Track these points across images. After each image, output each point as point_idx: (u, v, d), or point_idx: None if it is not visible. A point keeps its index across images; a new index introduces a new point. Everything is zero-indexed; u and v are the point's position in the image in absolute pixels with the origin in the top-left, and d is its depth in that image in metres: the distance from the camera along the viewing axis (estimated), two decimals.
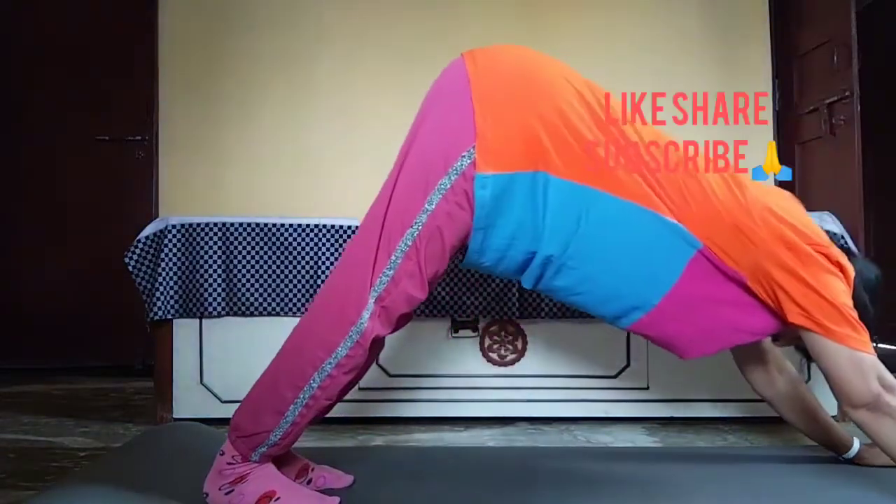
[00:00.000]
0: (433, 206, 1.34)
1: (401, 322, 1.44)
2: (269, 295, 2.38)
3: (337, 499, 1.42)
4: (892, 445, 1.50)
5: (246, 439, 1.41)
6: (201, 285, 2.37)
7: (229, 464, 1.42)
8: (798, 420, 1.76)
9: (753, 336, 1.55)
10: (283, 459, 1.53)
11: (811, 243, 1.47)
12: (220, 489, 1.41)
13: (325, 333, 1.37)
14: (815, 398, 1.78)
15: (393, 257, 1.36)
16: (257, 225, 2.40)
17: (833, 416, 1.87)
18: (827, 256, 1.48)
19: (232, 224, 2.40)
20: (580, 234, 1.38)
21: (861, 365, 1.44)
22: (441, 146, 1.36)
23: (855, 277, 1.52)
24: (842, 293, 1.46)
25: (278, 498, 1.39)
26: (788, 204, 1.54)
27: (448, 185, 1.34)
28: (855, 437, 1.73)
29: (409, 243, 1.35)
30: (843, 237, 2.30)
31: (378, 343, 1.42)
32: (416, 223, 1.35)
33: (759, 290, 1.46)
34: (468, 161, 1.33)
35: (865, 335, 1.46)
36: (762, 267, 1.44)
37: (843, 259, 1.51)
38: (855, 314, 1.47)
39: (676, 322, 1.48)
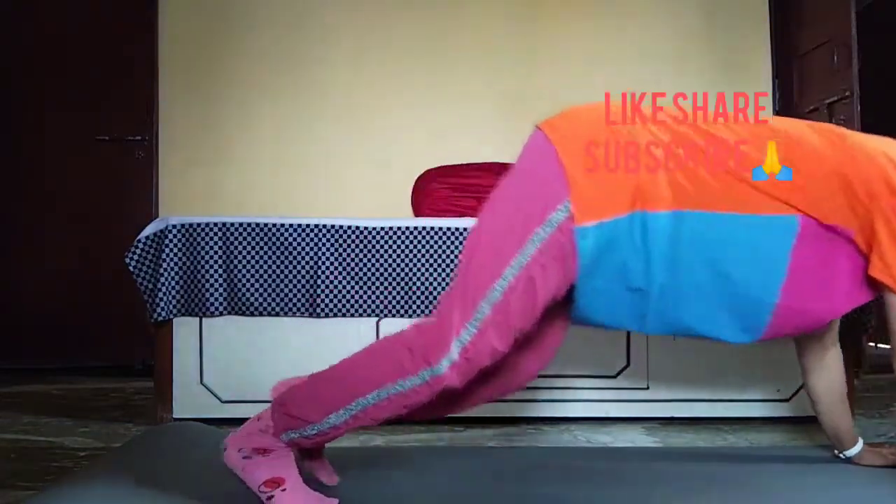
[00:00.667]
0: (527, 259, 1.34)
1: (478, 378, 1.41)
2: (269, 295, 2.38)
3: (336, 500, 1.42)
4: None
5: (285, 417, 1.39)
6: (202, 285, 2.37)
7: (261, 431, 1.41)
8: (821, 398, 1.73)
9: (868, 296, 1.51)
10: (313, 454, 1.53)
11: None
12: (239, 450, 1.40)
13: (403, 361, 1.35)
14: (845, 387, 1.76)
15: (481, 305, 1.33)
16: (257, 225, 2.40)
17: None
18: None
19: (232, 224, 2.40)
20: (679, 259, 1.38)
21: None
22: (533, 201, 1.37)
23: None
24: None
25: (284, 489, 1.39)
26: None
27: (543, 237, 1.34)
28: (860, 437, 1.73)
29: (499, 295, 1.34)
30: None
31: (449, 394, 1.38)
32: (505, 276, 1.34)
33: (862, 242, 1.44)
34: (563, 214, 1.34)
35: None
36: (868, 217, 1.42)
37: None
38: None
39: (803, 314, 1.47)
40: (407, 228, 2.42)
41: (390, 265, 2.40)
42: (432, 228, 2.43)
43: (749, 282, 1.42)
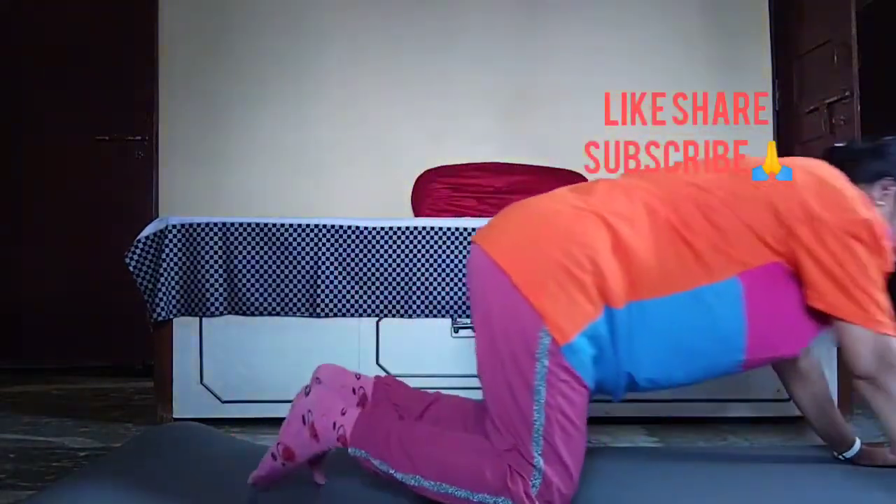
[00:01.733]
0: (543, 397, 1.33)
1: None
2: (269, 295, 2.38)
3: None
4: (882, 417, 1.49)
5: (371, 445, 1.41)
6: (202, 285, 2.37)
7: (336, 425, 1.42)
8: (807, 406, 1.75)
9: (824, 323, 1.50)
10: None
11: (838, 214, 1.41)
12: (308, 410, 1.44)
13: (507, 482, 1.33)
14: (829, 389, 1.76)
15: (535, 461, 1.33)
16: (257, 225, 2.40)
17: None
18: (854, 233, 1.41)
19: (232, 224, 2.40)
20: (645, 345, 1.39)
21: (866, 342, 1.42)
22: (514, 343, 1.35)
23: None
24: (861, 272, 1.41)
25: (284, 464, 1.44)
26: (822, 172, 1.48)
27: (545, 370, 1.33)
28: (857, 437, 1.73)
29: (541, 443, 1.33)
30: None
31: None
32: (536, 421, 1.33)
33: (795, 269, 1.44)
34: (547, 340, 1.33)
35: (880, 313, 1.42)
36: (790, 246, 1.42)
37: (883, 233, 1.44)
38: (876, 292, 1.42)
39: (773, 356, 1.49)
40: (407, 228, 2.42)
41: (390, 265, 2.40)
42: (432, 228, 2.43)
43: (714, 351, 1.42)
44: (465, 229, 2.44)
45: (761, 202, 1.42)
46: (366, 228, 2.41)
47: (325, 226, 2.41)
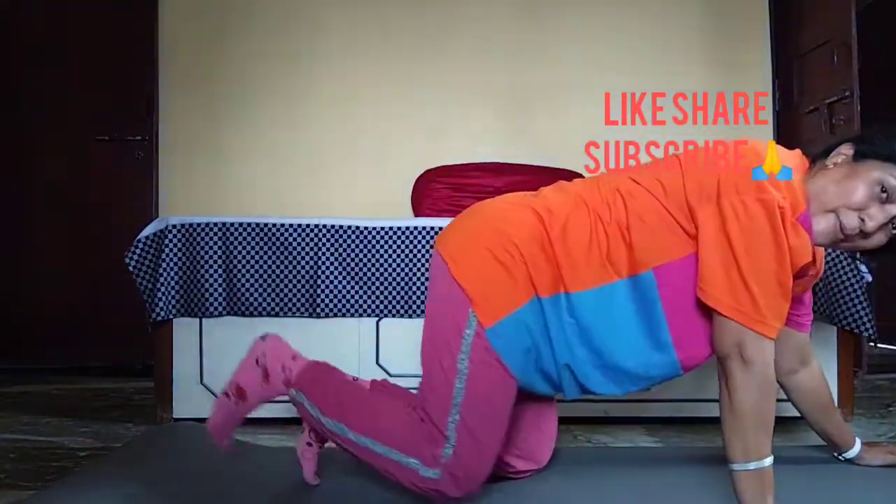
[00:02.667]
0: (465, 373, 1.39)
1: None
2: (269, 295, 2.38)
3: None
4: (720, 398, 1.38)
5: (307, 383, 1.53)
6: (201, 285, 2.37)
7: (284, 367, 1.56)
8: (808, 411, 1.73)
9: None
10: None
11: (743, 188, 1.32)
12: (263, 353, 1.59)
13: (403, 444, 1.41)
14: (830, 394, 1.75)
15: (447, 430, 1.38)
16: (257, 225, 2.40)
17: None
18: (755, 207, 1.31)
19: (232, 224, 2.40)
20: (578, 339, 1.41)
21: (733, 331, 1.33)
22: (447, 320, 1.42)
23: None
24: (752, 260, 1.31)
25: (237, 403, 1.56)
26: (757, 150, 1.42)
27: (468, 347, 1.39)
28: (857, 438, 1.73)
29: (457, 415, 1.38)
30: None
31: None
32: (456, 394, 1.39)
33: None
34: (474, 321, 1.38)
35: (757, 313, 1.32)
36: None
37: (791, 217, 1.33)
38: (764, 287, 1.32)
39: (701, 344, 1.43)
40: (407, 228, 2.42)
41: (390, 265, 2.40)
42: (432, 228, 2.43)
43: (643, 347, 1.41)
44: None
45: (679, 182, 1.38)
46: (366, 228, 2.41)
47: (324, 226, 2.41)
